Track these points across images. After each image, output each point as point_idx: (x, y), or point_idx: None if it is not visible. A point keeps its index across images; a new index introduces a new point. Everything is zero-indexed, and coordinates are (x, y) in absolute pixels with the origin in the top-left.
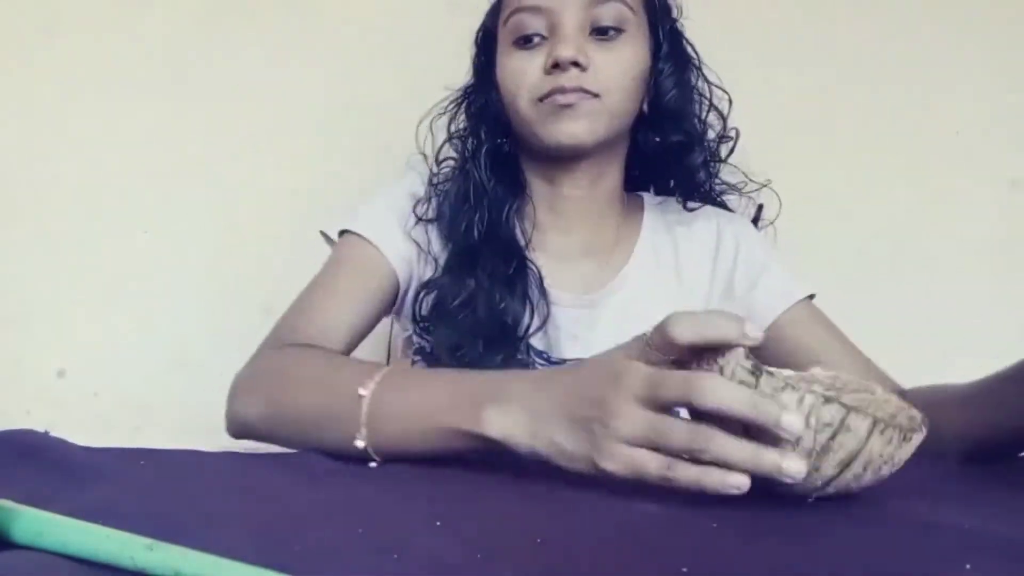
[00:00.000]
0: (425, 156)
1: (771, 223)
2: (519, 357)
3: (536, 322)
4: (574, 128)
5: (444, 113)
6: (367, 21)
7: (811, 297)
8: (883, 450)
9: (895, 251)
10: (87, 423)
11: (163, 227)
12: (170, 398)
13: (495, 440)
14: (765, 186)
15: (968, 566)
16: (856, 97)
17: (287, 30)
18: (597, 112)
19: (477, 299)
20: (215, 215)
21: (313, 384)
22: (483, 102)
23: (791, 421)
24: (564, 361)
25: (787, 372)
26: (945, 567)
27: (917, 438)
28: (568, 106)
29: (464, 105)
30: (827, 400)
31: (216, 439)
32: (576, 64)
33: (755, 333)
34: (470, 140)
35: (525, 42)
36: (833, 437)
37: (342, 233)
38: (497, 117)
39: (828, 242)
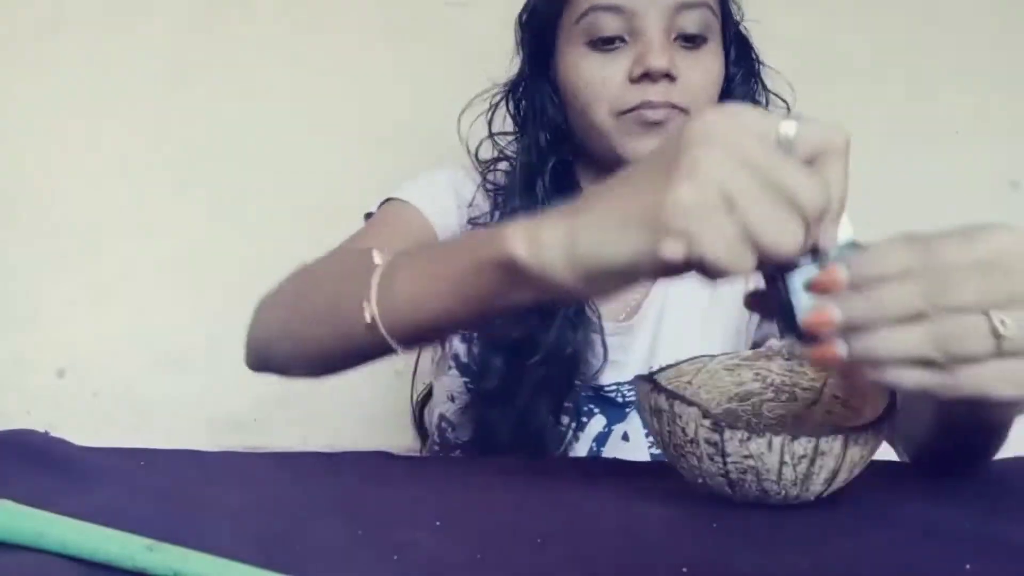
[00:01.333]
0: (471, 157)
1: None
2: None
3: (597, 361)
4: None
5: (489, 109)
6: (366, 20)
7: None
8: (862, 451)
9: None
10: (87, 423)
11: (163, 227)
12: (170, 398)
13: (521, 261)
14: None
15: (968, 566)
16: (856, 97)
17: (287, 30)
18: None
19: (538, 337)
20: (215, 215)
21: (331, 271)
22: (540, 103)
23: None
24: (601, 387)
25: (745, 352)
26: (945, 567)
27: (890, 419)
28: (657, 123)
29: (512, 102)
30: (794, 438)
31: (216, 439)
32: (667, 75)
33: None
34: (532, 151)
35: (604, 44)
36: (812, 464)
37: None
38: (556, 121)
39: None
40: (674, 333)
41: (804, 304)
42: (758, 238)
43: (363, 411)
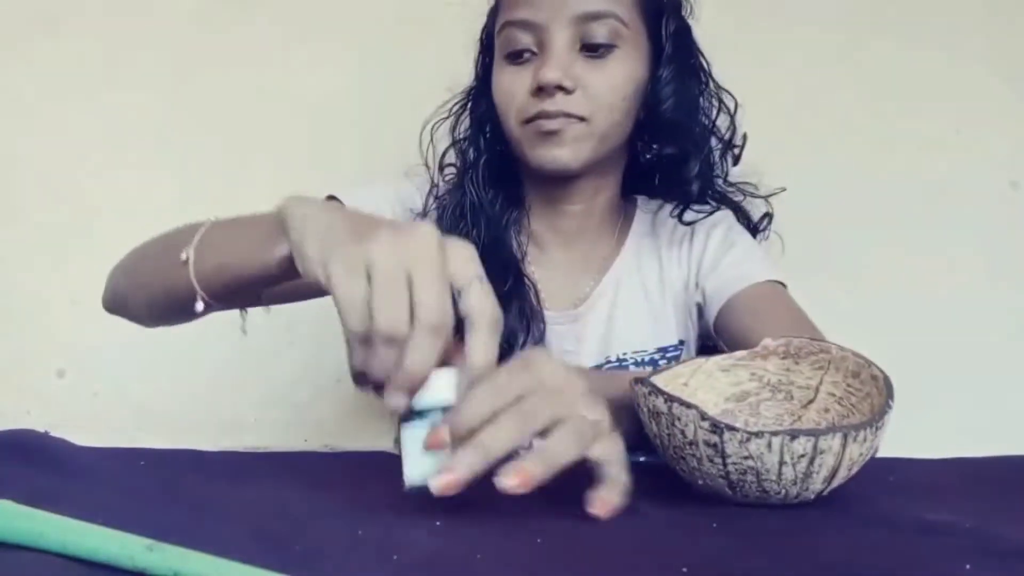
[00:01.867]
0: (428, 167)
1: (762, 231)
2: None
3: (530, 343)
4: (557, 154)
5: (448, 116)
6: (366, 19)
7: (783, 286)
8: (861, 449)
9: (894, 250)
10: (87, 423)
11: (163, 227)
12: (170, 398)
13: (284, 257)
14: (778, 192)
15: (968, 566)
16: (856, 97)
17: (287, 30)
18: (583, 136)
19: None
20: (215, 215)
21: (170, 235)
22: (484, 108)
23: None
24: None
25: (740, 352)
26: (945, 567)
27: (888, 416)
28: (553, 132)
29: (468, 109)
30: (793, 437)
31: (216, 439)
32: (561, 88)
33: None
34: (471, 150)
35: (515, 58)
36: (812, 463)
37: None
38: (496, 125)
39: (826, 241)
40: (627, 320)
41: (412, 456)
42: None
43: (363, 412)
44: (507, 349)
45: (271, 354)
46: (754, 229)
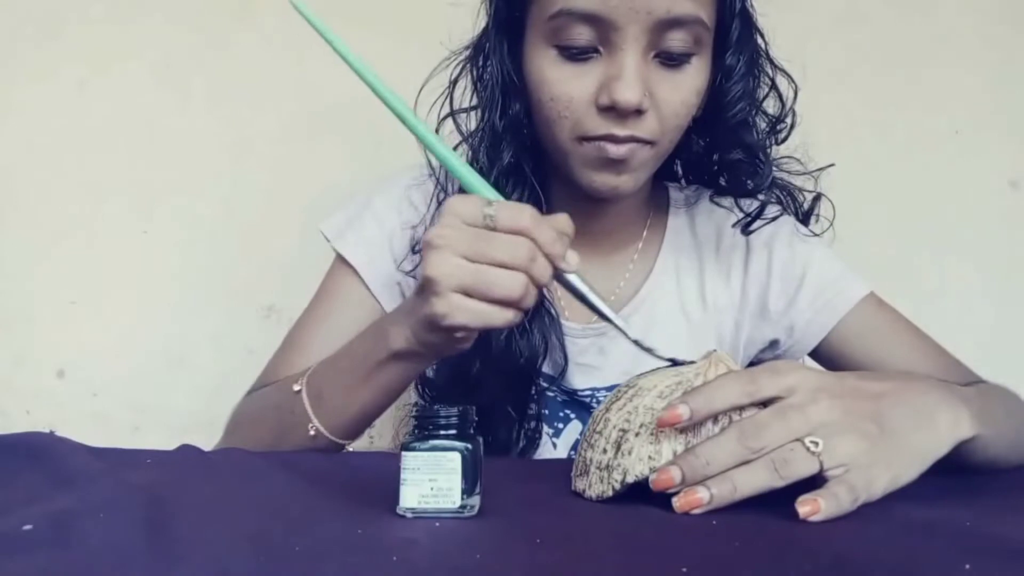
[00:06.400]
0: (430, 163)
1: (830, 223)
2: (533, 393)
3: (550, 363)
4: (617, 182)
5: (449, 86)
6: (367, 18)
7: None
8: None
9: (893, 251)
10: (87, 423)
11: (163, 227)
12: (170, 398)
13: (404, 350)
14: (828, 167)
15: (968, 566)
16: (856, 97)
17: (286, 28)
18: (647, 161)
19: (490, 344)
20: (215, 215)
21: (263, 413)
22: (501, 83)
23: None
24: (575, 391)
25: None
26: (945, 567)
27: None
28: (618, 160)
29: (475, 70)
30: None
31: (216, 439)
32: (637, 110)
33: None
34: (482, 146)
35: (576, 53)
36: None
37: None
38: (516, 109)
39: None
40: (664, 340)
41: (410, 482)
42: (490, 294)
43: None
44: (527, 368)
45: (272, 354)
46: (806, 215)
